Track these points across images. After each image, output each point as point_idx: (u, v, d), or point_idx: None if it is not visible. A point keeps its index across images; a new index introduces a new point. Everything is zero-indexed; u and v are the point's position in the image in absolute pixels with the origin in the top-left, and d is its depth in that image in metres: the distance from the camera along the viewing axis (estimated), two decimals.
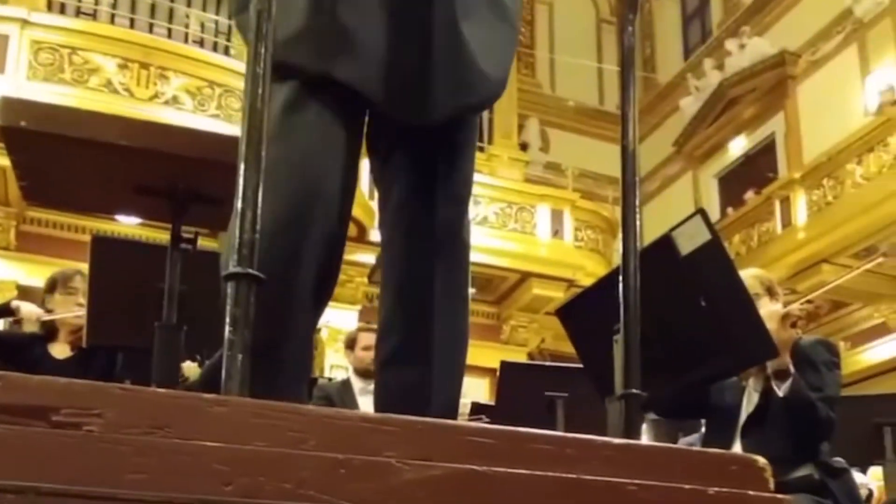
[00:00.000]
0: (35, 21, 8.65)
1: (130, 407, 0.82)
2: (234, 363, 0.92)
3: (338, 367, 9.52)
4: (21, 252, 9.26)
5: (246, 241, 0.96)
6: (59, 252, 8.13)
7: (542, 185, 12.23)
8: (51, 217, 9.17)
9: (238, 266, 0.95)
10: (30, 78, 8.46)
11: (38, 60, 8.59)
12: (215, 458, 0.84)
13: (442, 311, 1.47)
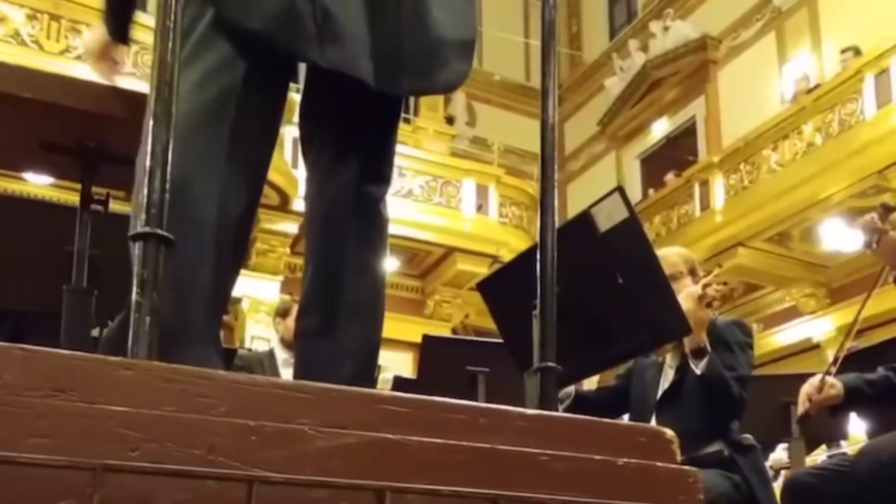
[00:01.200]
0: None
1: (31, 369, 0.79)
2: (142, 326, 0.90)
3: (259, 339, 9.44)
4: None
5: (155, 201, 0.93)
6: None
7: (468, 159, 12.27)
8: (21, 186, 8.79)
9: (146, 226, 0.92)
10: None
11: None
12: (121, 423, 0.81)
13: (358, 286, 1.49)
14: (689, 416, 2.70)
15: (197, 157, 1.29)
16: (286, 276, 10.42)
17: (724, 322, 2.90)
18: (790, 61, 11.86)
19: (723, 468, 2.68)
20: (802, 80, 11.39)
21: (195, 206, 1.29)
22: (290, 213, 10.01)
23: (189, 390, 0.84)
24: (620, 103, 14.34)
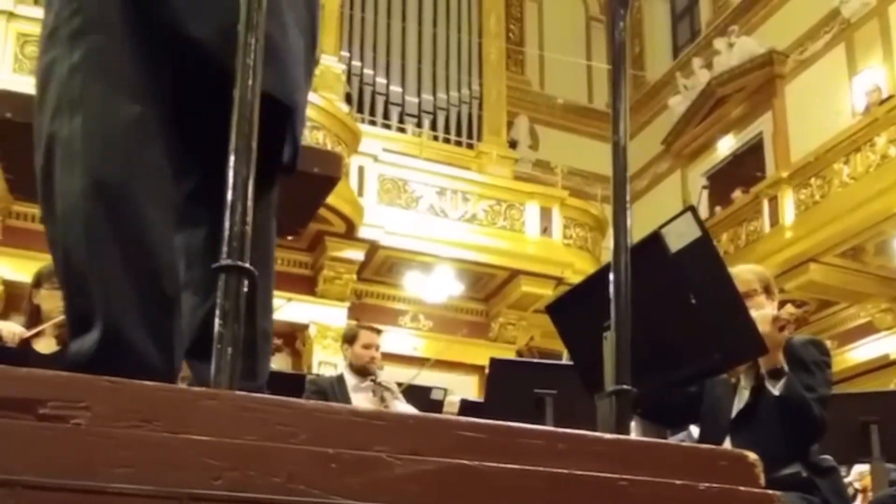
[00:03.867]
0: (21, 14, 8.57)
1: (118, 400, 0.81)
2: (225, 356, 0.91)
3: (326, 364, 9.52)
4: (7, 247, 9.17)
5: (236, 234, 0.95)
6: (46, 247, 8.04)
7: (532, 182, 12.24)
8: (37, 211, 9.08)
9: (228, 258, 0.94)
10: (16, 71, 8.39)
11: (24, 53, 8.52)
12: (204, 452, 0.83)
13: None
14: (767, 438, 2.63)
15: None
16: (353, 302, 10.51)
17: (799, 341, 2.83)
18: (861, 73, 11.57)
19: (802, 490, 2.60)
20: (874, 91, 11.09)
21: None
22: (356, 241, 10.11)
23: (269, 419, 0.85)
24: (685, 122, 14.17)
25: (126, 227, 1.24)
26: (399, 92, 11.75)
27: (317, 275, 10.35)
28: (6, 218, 9.32)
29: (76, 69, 1.28)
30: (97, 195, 1.24)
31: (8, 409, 0.79)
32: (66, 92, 1.28)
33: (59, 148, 1.27)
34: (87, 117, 1.27)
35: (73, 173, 1.26)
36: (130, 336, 1.20)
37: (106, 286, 1.22)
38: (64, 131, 1.27)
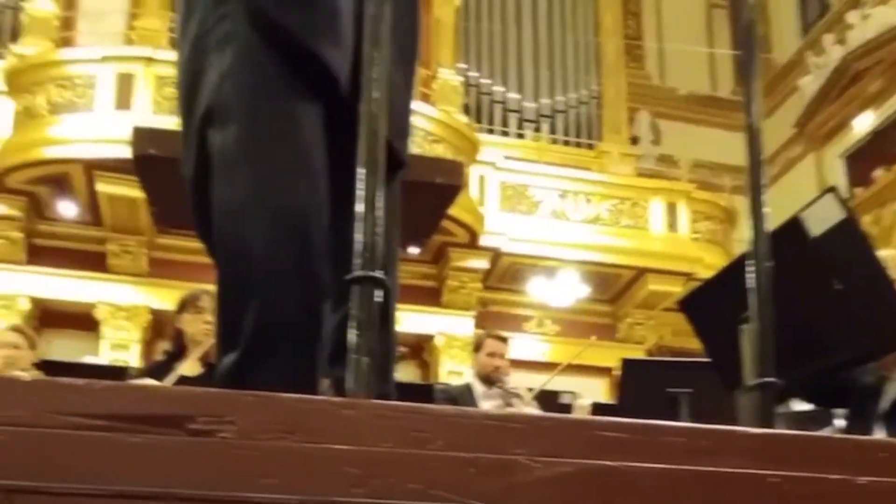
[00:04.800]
0: (159, 58, 9.05)
1: (262, 413, 0.84)
2: (360, 366, 0.93)
3: (454, 374, 9.60)
4: (153, 278, 9.71)
5: (367, 245, 0.96)
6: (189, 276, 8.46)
7: (656, 178, 11.96)
8: (180, 243, 9.59)
9: (361, 269, 0.96)
10: (155, 112, 8.85)
11: (162, 94, 9.00)
12: (345, 461, 0.84)
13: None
14: None
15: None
16: (478, 310, 10.54)
17: None
18: None
19: None
20: None
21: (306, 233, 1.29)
22: (479, 250, 10.15)
23: (406, 426, 0.86)
24: (817, 102, 13.51)
25: (288, 236, 1.23)
26: (517, 98, 11.72)
27: (441, 285, 10.44)
28: (151, 251, 9.86)
29: (227, 76, 1.26)
30: (257, 204, 1.23)
31: (160, 426, 0.83)
32: (217, 99, 1.27)
33: (213, 156, 1.26)
34: (241, 126, 1.25)
35: (230, 181, 1.24)
36: (280, 348, 1.21)
37: (264, 297, 1.21)
38: (217, 139, 1.26)
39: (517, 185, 10.63)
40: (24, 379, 0.83)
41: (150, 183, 1.99)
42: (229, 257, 1.25)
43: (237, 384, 1.16)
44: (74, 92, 8.98)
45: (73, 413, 0.82)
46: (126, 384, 0.81)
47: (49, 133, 8.86)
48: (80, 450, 0.81)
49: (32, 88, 9.05)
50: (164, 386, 0.80)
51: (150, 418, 0.84)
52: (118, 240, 9.65)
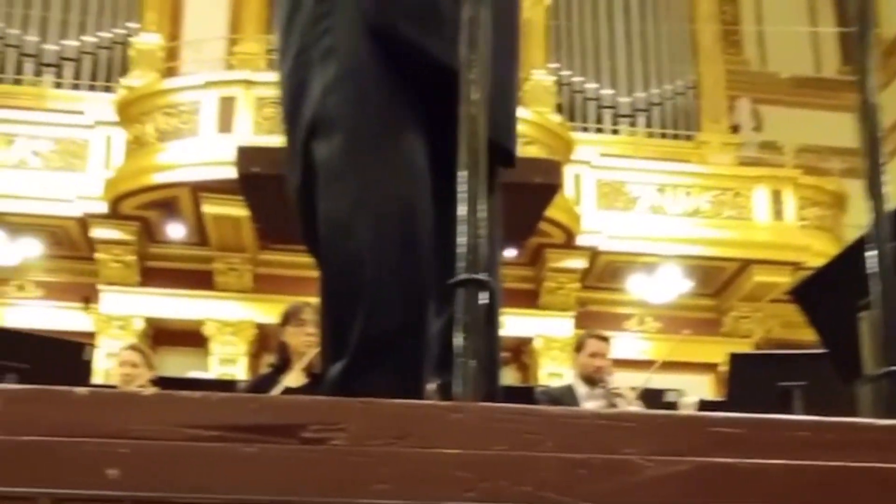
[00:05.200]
0: (258, 80, 9.34)
1: (372, 419, 0.85)
2: (467, 369, 0.93)
3: (554, 376, 9.53)
4: (257, 293, 10.01)
5: (470, 247, 0.96)
6: (291, 290, 8.68)
7: (758, 166, 11.58)
8: (281, 258, 9.87)
9: (465, 272, 0.96)
10: (255, 133, 9.13)
11: (262, 115, 9.28)
12: (456, 465, 0.84)
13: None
14: None
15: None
16: (577, 311, 10.44)
17: None
18: None
19: None
20: None
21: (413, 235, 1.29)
22: (577, 249, 10.05)
23: (516, 428, 0.85)
24: None
25: (393, 242, 1.24)
26: (611, 94, 11.55)
27: (539, 287, 10.38)
28: (255, 267, 10.17)
29: (330, 89, 1.28)
30: (362, 212, 1.24)
31: (273, 435, 0.85)
32: (321, 112, 1.29)
33: (318, 168, 1.28)
34: (346, 137, 1.27)
35: (335, 191, 1.26)
36: (386, 354, 1.22)
37: (371, 304, 1.22)
38: (322, 151, 1.28)
39: (613, 182, 10.48)
40: (143, 393, 0.86)
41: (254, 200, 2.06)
42: (335, 266, 1.28)
43: (345, 392, 1.17)
44: (180, 118, 9.36)
45: (191, 425, 0.85)
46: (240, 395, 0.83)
47: (158, 160, 9.26)
48: (198, 461, 0.84)
49: (141, 118, 9.49)
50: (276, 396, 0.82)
51: (263, 428, 0.86)
52: (224, 258, 9.99)
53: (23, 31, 10.47)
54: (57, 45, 10.53)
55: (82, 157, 9.79)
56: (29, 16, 10.59)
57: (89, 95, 10.43)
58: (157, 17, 10.45)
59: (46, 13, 10.62)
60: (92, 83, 10.58)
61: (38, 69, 10.50)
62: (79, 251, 10.16)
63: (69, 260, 10.25)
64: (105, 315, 9.81)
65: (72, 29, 10.62)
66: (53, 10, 10.64)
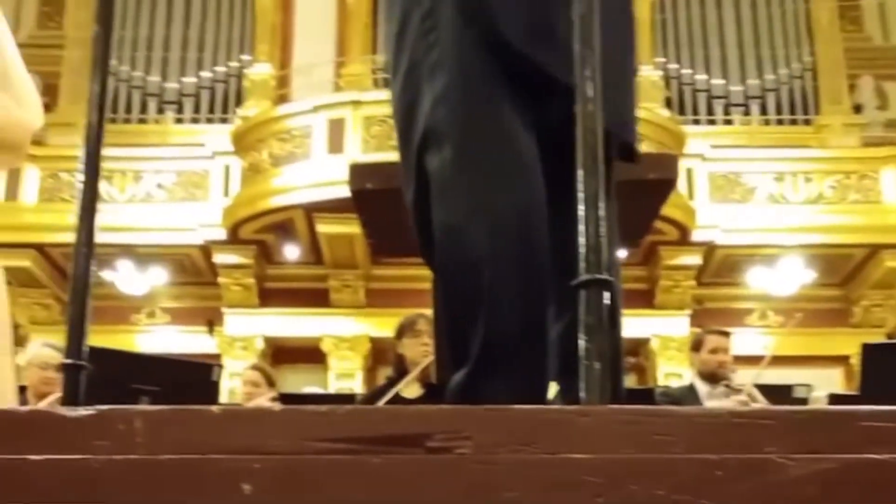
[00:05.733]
0: (365, 100, 9.56)
1: (498, 427, 0.84)
2: (592, 372, 0.91)
3: (672, 376, 9.32)
4: (370, 308, 10.22)
5: (591, 247, 0.95)
6: (403, 302, 8.81)
7: (885, 146, 10.99)
8: (393, 272, 10.03)
9: (587, 273, 0.94)
10: (364, 151, 9.35)
11: (370, 133, 9.49)
12: (585, 470, 0.83)
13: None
14: None
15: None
16: (693, 308, 10.16)
17: None
18: None
19: None
20: None
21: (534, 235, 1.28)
22: (692, 245, 9.80)
23: (646, 430, 0.83)
24: None
25: (509, 246, 1.24)
26: (721, 84, 11.21)
27: (653, 286, 10.17)
28: (368, 282, 10.38)
29: (439, 101, 1.30)
30: (476, 218, 1.25)
31: (400, 445, 0.85)
32: (431, 125, 1.31)
33: (431, 179, 1.30)
34: (456, 146, 1.29)
35: (448, 200, 1.28)
36: (508, 360, 1.21)
37: (490, 310, 1.22)
38: (434, 162, 1.30)
39: (728, 174, 10.17)
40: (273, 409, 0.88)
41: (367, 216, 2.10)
42: (452, 274, 1.28)
43: (468, 400, 1.17)
44: (293, 143, 9.68)
45: (319, 438, 0.86)
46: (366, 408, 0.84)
47: (273, 184, 9.60)
48: (327, 473, 0.85)
49: (256, 145, 9.87)
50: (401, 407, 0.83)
51: (389, 439, 0.86)
52: (338, 275, 10.24)
53: (146, 73, 11.09)
54: (177, 83, 11.11)
55: (203, 186, 10.25)
56: (151, 57, 11.20)
57: (208, 128, 10.94)
58: (268, 48, 10.87)
59: (167, 53, 11.20)
60: (210, 116, 11.10)
61: (161, 107, 11.11)
62: (202, 277, 10.61)
63: (193, 286, 10.72)
64: (228, 336, 10.21)
65: (190, 66, 11.19)
66: (173, 49, 11.23)
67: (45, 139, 10.74)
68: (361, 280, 10.34)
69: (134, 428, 0.86)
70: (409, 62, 1.36)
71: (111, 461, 0.84)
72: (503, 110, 1.30)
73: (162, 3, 11.44)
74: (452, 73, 1.31)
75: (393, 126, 1.49)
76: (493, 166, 1.28)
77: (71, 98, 10.82)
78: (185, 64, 11.21)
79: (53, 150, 10.46)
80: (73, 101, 10.81)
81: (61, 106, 10.77)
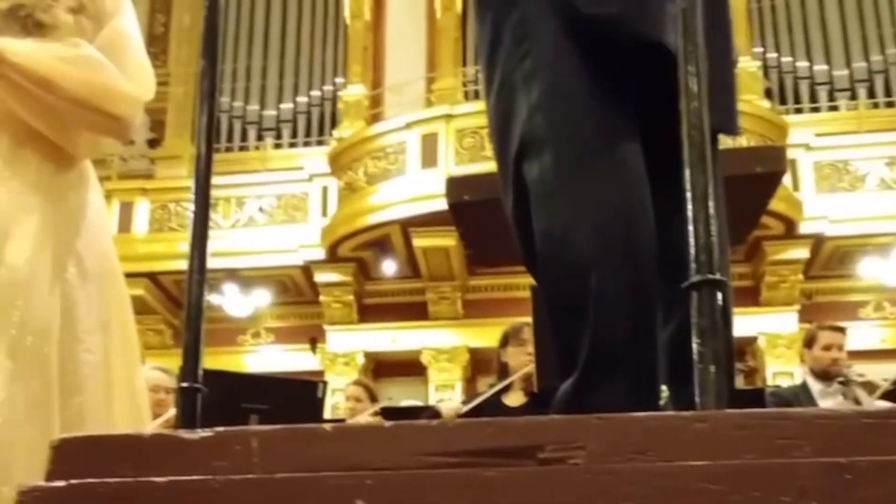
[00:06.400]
0: (456, 113, 9.66)
1: (611, 435, 0.82)
2: (707, 375, 0.88)
3: (781, 375, 9.00)
4: (468, 318, 10.27)
5: (702, 246, 0.92)
6: (499, 312, 8.81)
7: None
8: (488, 282, 10.05)
9: (698, 273, 0.91)
10: (457, 163, 9.43)
11: (462, 146, 9.56)
12: (703, 477, 0.80)
13: None
14: None
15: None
16: (802, 304, 9.78)
17: None
18: None
19: None
20: None
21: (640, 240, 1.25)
22: (798, 238, 9.44)
23: (767, 434, 0.79)
24: None
25: (614, 251, 1.22)
26: (825, 70, 10.77)
27: (759, 283, 9.84)
28: (465, 293, 10.42)
29: (536, 109, 1.29)
30: (579, 224, 1.23)
31: (512, 457, 0.84)
32: (528, 132, 1.30)
33: (530, 188, 1.29)
34: (556, 153, 1.27)
35: (550, 208, 1.26)
36: (617, 367, 1.18)
37: (596, 316, 1.20)
38: (533, 171, 1.28)
39: (835, 162, 9.76)
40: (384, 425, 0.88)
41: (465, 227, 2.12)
42: (555, 281, 1.26)
43: (577, 408, 1.15)
44: (387, 160, 9.85)
45: (430, 453, 0.86)
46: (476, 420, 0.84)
47: (369, 202, 9.77)
48: (439, 487, 0.84)
49: (352, 165, 10.09)
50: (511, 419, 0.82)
51: (500, 451, 0.85)
52: (435, 288, 10.33)
53: (245, 103, 11.52)
54: (275, 110, 11.51)
55: (302, 208, 10.54)
56: (249, 87, 11.62)
57: (305, 151, 11.27)
58: (360, 69, 11.11)
59: (264, 82, 11.60)
60: (307, 139, 11.44)
61: (260, 134, 11.52)
62: (304, 296, 10.87)
63: (296, 305, 11.00)
64: (330, 353, 10.41)
65: (287, 93, 11.57)
66: (270, 77, 11.63)
67: (153, 172, 11.24)
68: (458, 291, 10.40)
69: (251, 448, 0.88)
70: (503, 74, 1.36)
71: (230, 481, 0.86)
72: (603, 113, 1.28)
73: (259, 34, 11.87)
74: (547, 80, 1.30)
75: (486, 136, 1.49)
76: (594, 170, 1.25)
77: (176, 132, 11.30)
78: (282, 91, 11.59)
79: (161, 183, 10.95)
80: (178, 134, 11.30)
81: (167, 140, 11.27)
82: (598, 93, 1.28)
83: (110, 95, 1.82)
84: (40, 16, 1.83)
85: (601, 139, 1.27)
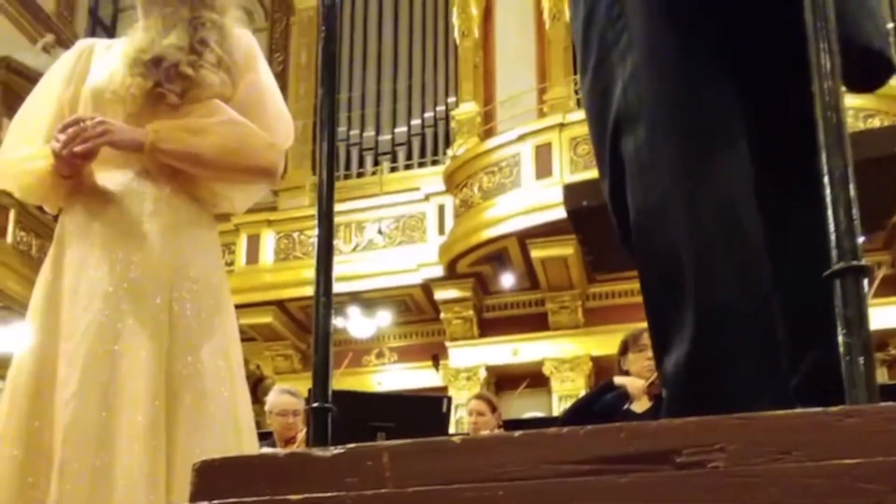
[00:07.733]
0: (569, 121, 9.60)
1: (751, 435, 0.78)
2: (857, 368, 0.82)
3: None
4: (589, 327, 10.13)
5: (844, 232, 0.86)
6: (620, 318, 8.65)
7: None
8: (609, 289, 9.90)
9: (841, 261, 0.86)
10: (572, 171, 9.37)
11: (577, 153, 9.48)
12: (858, 477, 0.75)
13: None
14: None
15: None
16: None
17: None
18: None
19: None
20: None
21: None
22: None
23: None
24: None
25: (714, 222, 1.16)
26: None
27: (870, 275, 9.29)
28: (585, 302, 10.30)
29: (629, 83, 1.25)
30: (676, 196, 1.18)
31: (647, 463, 0.81)
32: (623, 108, 1.26)
33: (627, 165, 1.24)
34: (649, 126, 1.22)
35: (645, 183, 1.22)
36: (729, 336, 1.10)
37: (699, 285, 1.13)
38: (629, 147, 1.24)
39: None
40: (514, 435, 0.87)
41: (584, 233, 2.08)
42: (652, 256, 1.20)
43: (690, 384, 1.09)
44: (501, 174, 9.89)
45: (562, 461, 0.84)
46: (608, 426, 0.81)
47: (485, 217, 9.83)
48: (573, 496, 0.82)
49: (466, 182, 10.19)
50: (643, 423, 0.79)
51: (634, 457, 0.83)
52: (555, 298, 10.25)
53: (361, 130, 11.82)
54: (390, 135, 11.74)
55: (420, 228, 10.70)
56: (365, 115, 11.93)
57: (421, 171, 11.47)
58: (471, 87, 11.24)
59: (378, 108, 11.89)
60: (422, 160, 11.62)
61: (377, 159, 11.79)
62: (425, 314, 11.00)
63: (417, 324, 11.14)
64: (453, 369, 10.47)
65: (401, 116, 11.80)
66: (384, 102, 11.90)
67: (276, 204, 11.66)
68: (578, 300, 10.30)
69: (382, 463, 0.88)
70: (599, 53, 1.32)
71: (362, 496, 0.87)
72: (700, 83, 1.22)
73: (372, 61, 12.18)
74: (641, 53, 1.25)
75: None
76: (690, 141, 1.19)
77: (296, 163, 11.71)
78: (395, 115, 11.85)
79: (285, 214, 11.33)
80: (299, 165, 11.70)
81: (289, 171, 11.71)
82: (694, 67, 1.23)
83: (254, 152, 1.91)
84: (186, 69, 1.89)
85: (697, 109, 1.21)
